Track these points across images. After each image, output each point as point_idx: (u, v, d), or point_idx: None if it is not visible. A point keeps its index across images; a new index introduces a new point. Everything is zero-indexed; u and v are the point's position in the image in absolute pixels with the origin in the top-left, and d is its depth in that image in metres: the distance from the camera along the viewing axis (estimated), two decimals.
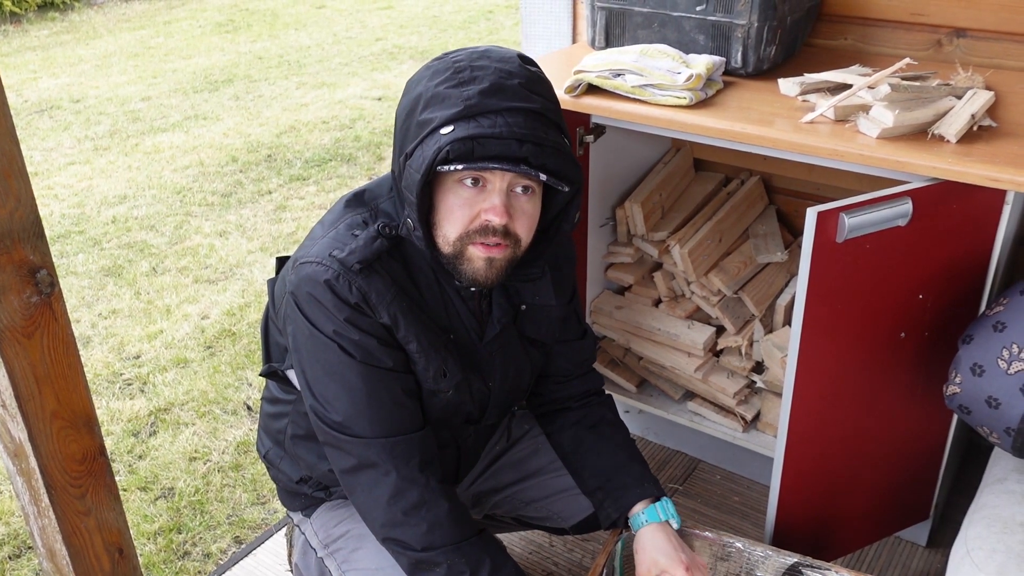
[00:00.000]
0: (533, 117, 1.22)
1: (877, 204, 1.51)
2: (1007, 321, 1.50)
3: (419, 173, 1.21)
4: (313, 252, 1.31)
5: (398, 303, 1.32)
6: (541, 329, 1.52)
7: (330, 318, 1.29)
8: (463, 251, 1.29)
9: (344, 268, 1.28)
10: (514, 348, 1.49)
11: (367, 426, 1.33)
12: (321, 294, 1.28)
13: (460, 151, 1.18)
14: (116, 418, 2.76)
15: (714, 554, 1.58)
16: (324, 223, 1.37)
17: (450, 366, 1.39)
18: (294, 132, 5.30)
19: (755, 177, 2.35)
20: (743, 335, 2.17)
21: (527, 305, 1.48)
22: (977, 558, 1.42)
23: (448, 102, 1.21)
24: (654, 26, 1.99)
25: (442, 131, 1.20)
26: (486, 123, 1.19)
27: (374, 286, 1.30)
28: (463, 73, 1.23)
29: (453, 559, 1.34)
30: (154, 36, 7.65)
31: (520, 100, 1.22)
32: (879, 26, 2.06)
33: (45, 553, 1.23)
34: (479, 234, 1.27)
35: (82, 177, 4.70)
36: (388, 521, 1.35)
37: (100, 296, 3.51)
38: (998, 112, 1.70)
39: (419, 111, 1.24)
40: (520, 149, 1.20)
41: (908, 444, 1.84)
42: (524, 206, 1.29)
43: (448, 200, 1.27)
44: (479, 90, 1.21)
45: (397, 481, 1.33)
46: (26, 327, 1.06)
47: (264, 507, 2.38)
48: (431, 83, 1.24)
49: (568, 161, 1.26)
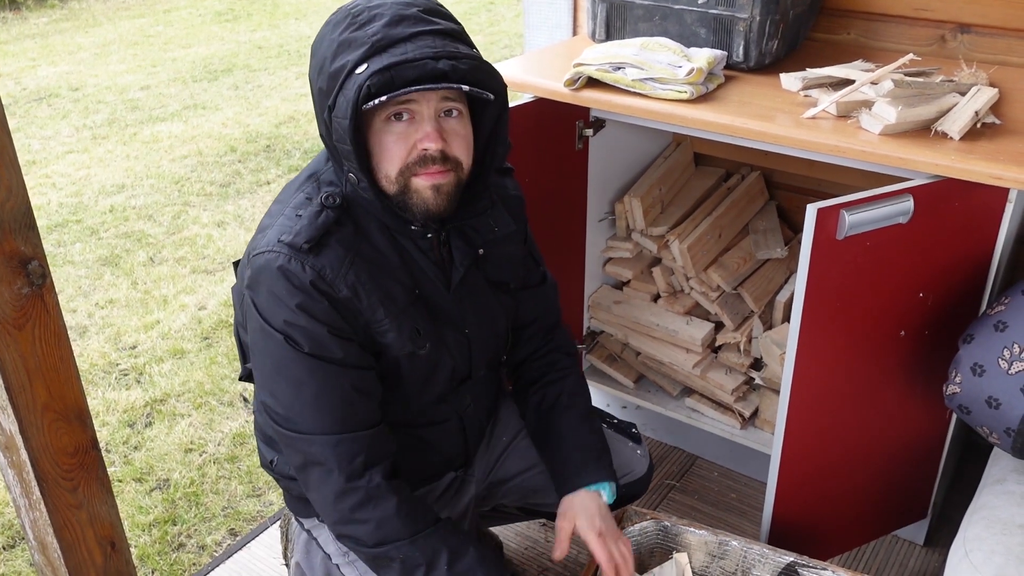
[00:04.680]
0: (442, 36, 1.25)
1: (878, 201, 1.50)
2: (1008, 321, 1.49)
3: (346, 119, 1.22)
4: (263, 242, 1.31)
5: (356, 272, 1.32)
6: (504, 271, 1.52)
7: (281, 306, 1.29)
8: (408, 185, 1.30)
9: (294, 250, 1.28)
10: (482, 292, 1.49)
11: (310, 422, 1.32)
12: (274, 282, 1.28)
13: (380, 83, 1.19)
14: (112, 409, 2.75)
15: (710, 552, 1.57)
16: (271, 212, 1.38)
17: (422, 323, 1.39)
18: (293, 122, 5.28)
19: (756, 172, 2.34)
20: (742, 331, 2.16)
21: (486, 249, 1.48)
22: (976, 559, 1.41)
23: (355, 44, 1.23)
24: (655, 19, 1.97)
25: (357, 71, 1.21)
26: (398, 52, 1.21)
27: (327, 260, 1.30)
28: (361, 16, 1.25)
29: (407, 553, 1.34)
30: (153, 25, 7.62)
31: (424, 24, 1.24)
32: (883, 21, 2.04)
33: (37, 546, 1.23)
34: (419, 165, 1.28)
35: (80, 166, 4.68)
36: (339, 519, 1.35)
37: (97, 286, 3.50)
38: (1002, 109, 1.69)
39: (328, 63, 1.25)
40: (437, 65, 1.21)
41: (907, 443, 1.83)
42: (455, 127, 1.30)
43: (382, 140, 1.28)
44: (382, 24, 1.23)
45: (340, 480, 1.33)
46: (17, 319, 1.05)
47: (259, 499, 2.37)
48: (333, 35, 1.26)
49: (487, 72, 1.28)
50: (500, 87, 1.31)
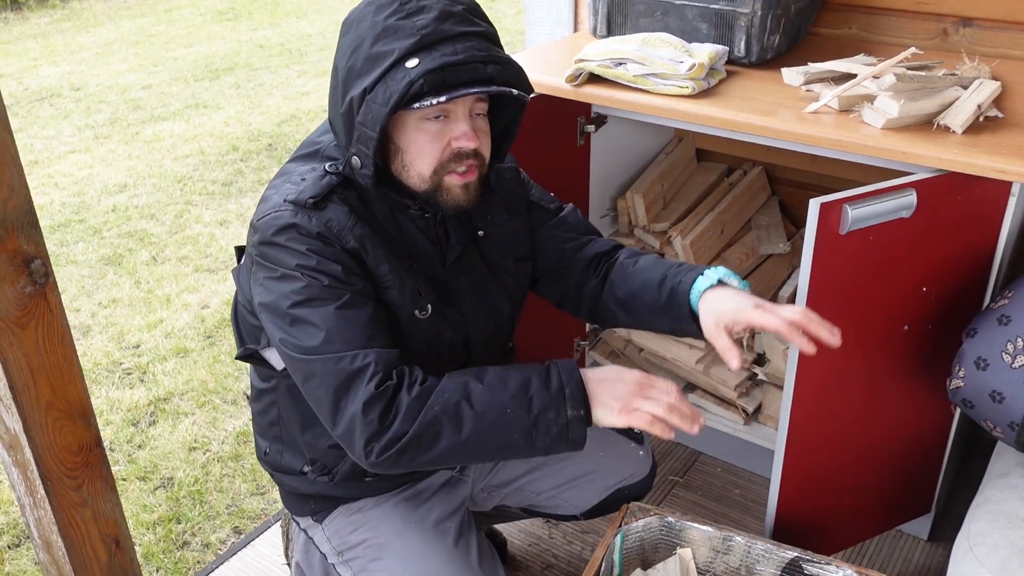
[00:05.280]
0: (484, 38, 1.26)
1: (881, 195, 1.49)
2: (1012, 315, 1.49)
3: (387, 107, 1.21)
4: (268, 206, 1.31)
5: (360, 228, 1.32)
6: (504, 248, 1.51)
7: (293, 254, 1.28)
8: (440, 183, 1.31)
9: (299, 206, 1.28)
10: (480, 273, 1.48)
11: (342, 343, 1.26)
12: (284, 236, 1.28)
13: (433, 82, 1.19)
14: (116, 408, 2.76)
15: (714, 548, 1.57)
16: (273, 185, 1.37)
17: (423, 286, 1.39)
18: (295, 121, 5.28)
19: (758, 168, 2.34)
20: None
21: (486, 231, 1.48)
22: (980, 553, 1.41)
23: (401, 33, 1.21)
24: (656, 14, 1.97)
25: (408, 64, 1.20)
26: (448, 51, 1.21)
27: (333, 214, 1.30)
28: (409, 4, 1.23)
29: (441, 402, 1.24)
30: (155, 24, 7.62)
31: (469, 25, 1.25)
32: (884, 15, 2.04)
33: (41, 544, 1.23)
34: (453, 162, 1.30)
35: (82, 166, 4.69)
36: (371, 432, 1.23)
37: (100, 285, 3.51)
38: (1004, 102, 1.68)
39: (369, 45, 1.23)
40: (487, 70, 1.23)
41: (910, 437, 1.83)
42: (483, 126, 1.34)
43: (416, 139, 1.28)
44: (432, 18, 1.22)
45: (372, 386, 1.24)
46: (20, 317, 1.05)
47: (263, 497, 2.38)
48: (377, 17, 1.24)
49: (522, 74, 1.30)
50: (530, 88, 1.34)
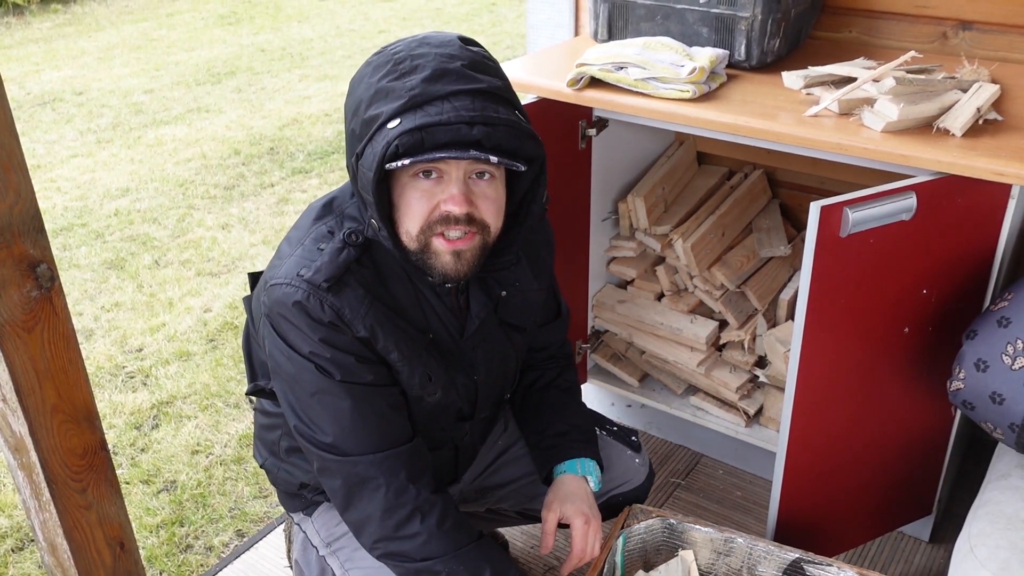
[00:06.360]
0: (481, 97, 1.18)
1: (881, 198, 1.50)
2: (1012, 317, 1.49)
3: (371, 171, 1.18)
4: (282, 273, 1.29)
5: (373, 314, 1.30)
6: (523, 315, 1.51)
7: (305, 339, 1.28)
8: (428, 245, 1.26)
9: (313, 287, 1.26)
10: (496, 338, 1.47)
11: (356, 444, 1.32)
12: (294, 316, 1.27)
13: (409, 144, 1.15)
14: (118, 411, 2.76)
15: (716, 549, 1.58)
16: (291, 240, 1.34)
17: (434, 369, 1.38)
18: (297, 125, 5.29)
19: (758, 171, 2.34)
20: (746, 330, 2.17)
21: (507, 291, 1.46)
22: (981, 554, 1.41)
23: (392, 95, 1.18)
24: (657, 19, 1.98)
25: (389, 125, 1.17)
26: (433, 111, 1.16)
27: (346, 301, 1.27)
28: (403, 64, 1.20)
29: (452, 567, 1.34)
30: (157, 28, 7.63)
31: (465, 82, 1.18)
32: (884, 18, 2.04)
33: (47, 547, 1.23)
34: (440, 224, 1.24)
35: (85, 170, 4.70)
36: (383, 536, 1.34)
37: (103, 289, 3.51)
38: (1004, 105, 1.69)
39: (364, 109, 1.21)
40: (471, 132, 1.16)
41: (911, 439, 1.83)
42: (485, 191, 1.25)
43: (406, 195, 1.24)
44: (422, 79, 1.17)
45: (390, 496, 1.32)
46: (26, 321, 1.06)
47: (266, 500, 2.38)
48: (373, 79, 1.22)
49: (524, 137, 1.22)
50: (536, 152, 1.25)
